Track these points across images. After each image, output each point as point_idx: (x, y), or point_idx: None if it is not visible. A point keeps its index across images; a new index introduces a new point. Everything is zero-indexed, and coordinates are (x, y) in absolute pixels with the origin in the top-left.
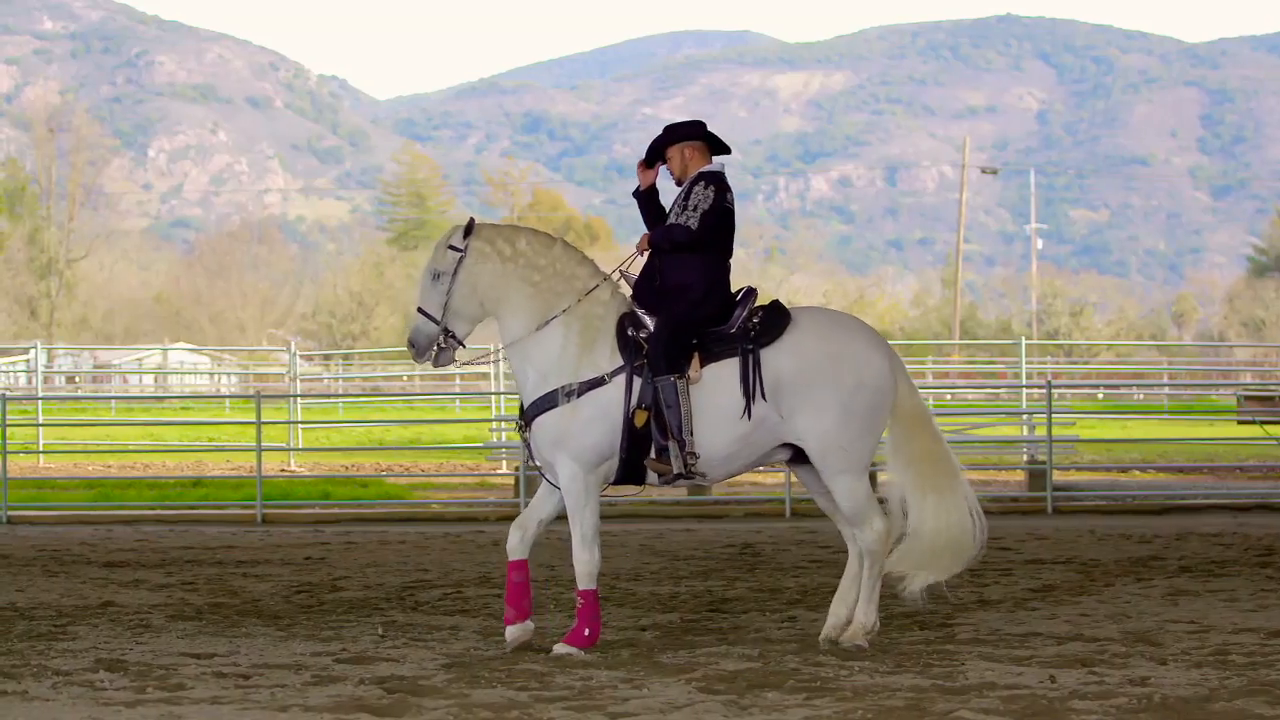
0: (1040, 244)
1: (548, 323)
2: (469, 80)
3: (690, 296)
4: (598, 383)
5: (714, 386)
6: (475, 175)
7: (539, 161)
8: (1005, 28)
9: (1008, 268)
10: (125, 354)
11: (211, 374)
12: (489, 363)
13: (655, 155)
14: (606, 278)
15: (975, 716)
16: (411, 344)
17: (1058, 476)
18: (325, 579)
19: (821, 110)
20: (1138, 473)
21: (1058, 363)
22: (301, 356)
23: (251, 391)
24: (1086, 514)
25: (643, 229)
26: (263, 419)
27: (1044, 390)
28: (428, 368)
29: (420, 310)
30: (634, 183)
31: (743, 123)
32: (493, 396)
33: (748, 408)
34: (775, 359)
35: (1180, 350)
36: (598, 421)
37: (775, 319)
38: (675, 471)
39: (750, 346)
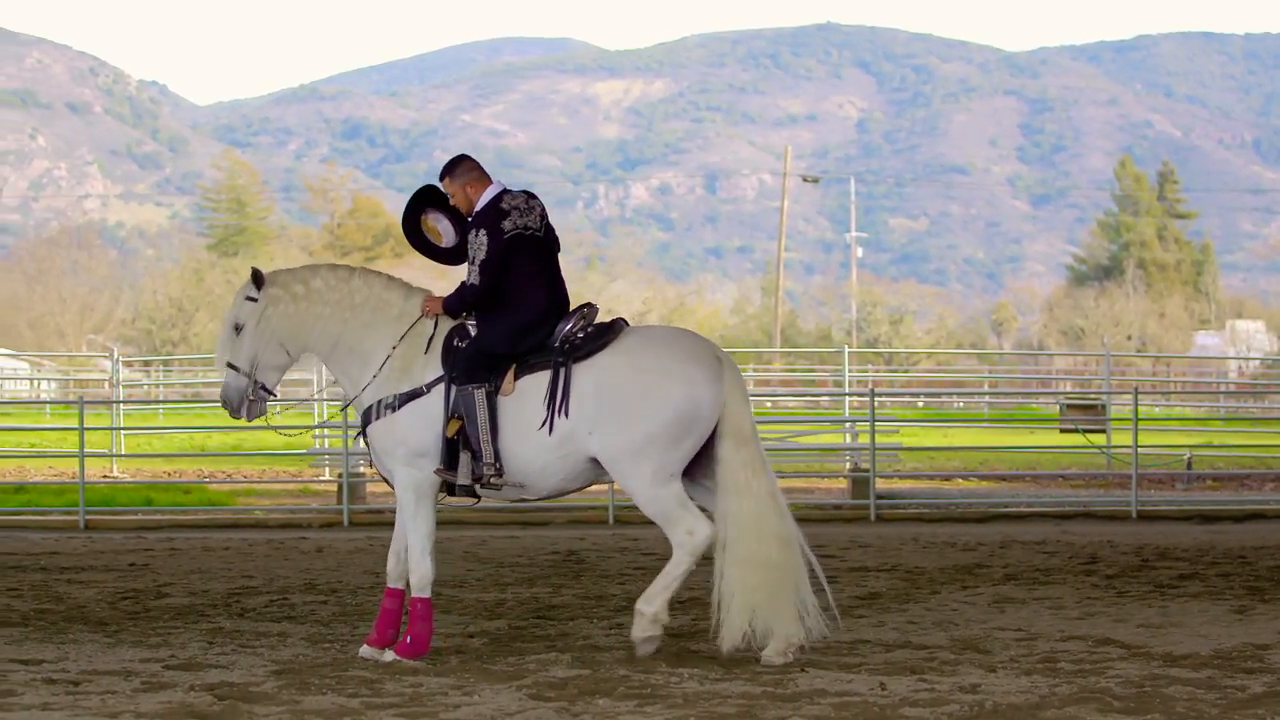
0: (860, 252)
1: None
2: (289, 86)
3: (511, 310)
4: (416, 394)
5: (525, 398)
6: (295, 182)
7: (359, 168)
8: (825, 36)
9: (827, 276)
10: None
11: (31, 380)
12: (311, 428)
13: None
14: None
15: None
16: (225, 402)
17: (880, 484)
18: (150, 585)
19: (641, 118)
20: (960, 480)
21: (878, 371)
22: (122, 363)
23: (73, 397)
24: (910, 522)
25: None
26: (85, 425)
27: (866, 398)
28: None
29: (228, 365)
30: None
31: (562, 130)
32: (315, 403)
33: (547, 420)
34: (586, 374)
35: (1000, 358)
36: (418, 430)
37: (599, 334)
38: (459, 482)
39: (562, 360)
